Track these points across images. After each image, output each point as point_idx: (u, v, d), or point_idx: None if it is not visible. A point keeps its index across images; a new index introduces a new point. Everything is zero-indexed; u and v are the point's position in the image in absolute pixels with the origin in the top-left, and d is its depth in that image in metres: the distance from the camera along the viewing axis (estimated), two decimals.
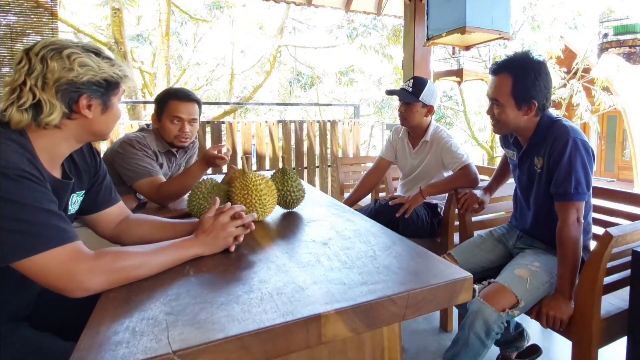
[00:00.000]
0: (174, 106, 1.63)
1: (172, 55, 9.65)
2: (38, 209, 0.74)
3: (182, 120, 1.64)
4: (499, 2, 2.41)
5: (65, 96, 0.81)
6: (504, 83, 1.37)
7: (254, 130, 3.94)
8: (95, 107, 0.87)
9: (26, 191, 0.74)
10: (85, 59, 0.83)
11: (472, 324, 1.25)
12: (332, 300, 0.70)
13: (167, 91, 1.71)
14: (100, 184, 1.06)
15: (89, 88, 0.84)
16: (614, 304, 1.31)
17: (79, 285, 0.75)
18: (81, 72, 0.82)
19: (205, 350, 0.58)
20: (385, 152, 2.26)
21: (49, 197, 0.79)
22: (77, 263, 0.75)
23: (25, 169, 0.76)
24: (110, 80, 0.88)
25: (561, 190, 1.29)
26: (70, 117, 0.84)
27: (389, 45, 9.71)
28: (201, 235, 0.91)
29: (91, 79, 0.84)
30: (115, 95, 0.91)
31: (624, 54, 3.79)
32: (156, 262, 0.83)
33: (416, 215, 1.93)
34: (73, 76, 0.81)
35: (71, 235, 0.78)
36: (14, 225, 0.72)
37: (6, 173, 0.72)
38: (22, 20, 3.08)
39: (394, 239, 1.03)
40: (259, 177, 1.20)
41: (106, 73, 0.87)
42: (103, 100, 0.88)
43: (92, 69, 0.84)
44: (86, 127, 0.88)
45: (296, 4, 4.08)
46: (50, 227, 0.75)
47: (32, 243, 0.72)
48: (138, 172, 1.53)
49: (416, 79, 2.02)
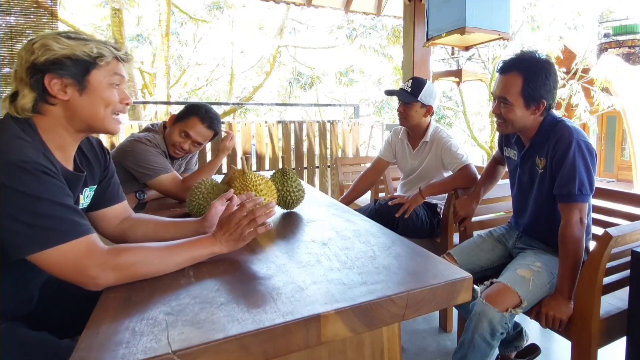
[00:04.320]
0: (193, 123, 1.67)
1: (172, 56, 9.65)
2: (55, 202, 0.76)
3: (189, 138, 1.68)
4: (499, 3, 2.41)
5: (31, 79, 0.83)
6: (513, 82, 1.36)
7: (253, 131, 3.94)
8: (69, 88, 0.85)
9: (44, 185, 0.76)
10: (46, 41, 0.83)
11: (476, 325, 1.25)
12: (332, 301, 0.70)
13: (200, 107, 1.73)
14: (109, 180, 1.07)
15: (49, 68, 0.83)
16: (613, 305, 1.31)
17: (92, 280, 0.76)
18: (39, 53, 0.82)
19: (205, 350, 0.58)
20: (383, 153, 2.26)
21: (65, 191, 0.81)
22: (91, 258, 0.76)
23: (42, 162, 0.77)
24: (77, 59, 0.85)
25: (565, 191, 1.29)
26: (49, 102, 0.85)
27: (389, 46, 9.72)
28: (219, 234, 0.90)
29: (49, 57, 0.83)
30: (92, 75, 0.87)
31: (623, 55, 3.79)
32: (172, 260, 0.83)
33: (416, 216, 1.94)
34: (33, 58, 0.82)
35: (86, 228, 0.79)
36: (31, 218, 0.73)
37: (25, 167, 0.74)
38: (22, 20, 3.08)
39: (393, 239, 1.03)
40: (258, 177, 1.20)
41: (70, 51, 0.84)
42: (76, 80, 0.85)
43: (51, 48, 0.83)
44: (71, 111, 0.86)
45: (296, 5, 4.08)
46: (66, 220, 0.77)
47: (49, 236, 0.74)
48: (155, 169, 1.57)
49: (415, 79, 2.03)
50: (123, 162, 1.58)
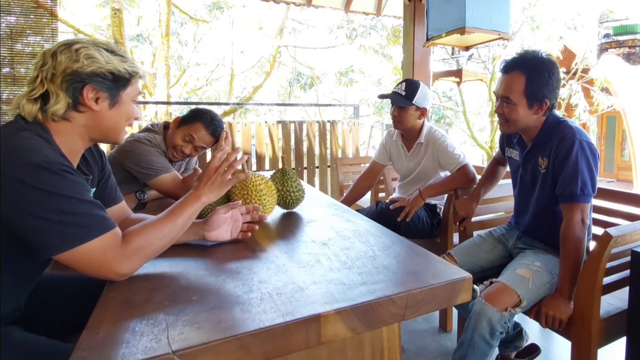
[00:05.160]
0: (197, 129, 1.67)
1: (172, 56, 9.64)
2: (81, 200, 0.77)
3: (192, 142, 1.68)
4: (499, 3, 2.41)
5: (69, 86, 0.83)
6: (516, 81, 1.36)
7: (253, 131, 3.94)
8: (102, 101, 0.87)
9: (69, 184, 0.77)
10: (91, 52, 0.84)
11: (476, 325, 1.25)
12: (332, 301, 0.70)
13: (205, 113, 1.72)
14: (106, 182, 1.08)
15: (93, 79, 0.85)
16: (613, 304, 1.31)
17: (115, 272, 0.79)
18: (86, 63, 0.83)
19: (205, 350, 0.58)
20: (378, 156, 2.26)
21: (87, 188, 0.82)
22: (114, 251, 0.78)
23: (64, 162, 0.79)
24: (118, 75, 0.88)
25: (567, 191, 1.29)
26: (78, 109, 0.86)
27: (389, 46, 9.71)
28: (200, 186, 0.94)
29: (95, 70, 0.85)
30: (125, 91, 0.91)
31: (623, 55, 3.79)
32: (175, 226, 0.87)
33: (417, 217, 1.94)
34: (77, 67, 0.83)
35: (111, 222, 0.81)
36: (61, 217, 0.74)
37: (50, 167, 0.75)
38: (22, 20, 3.08)
39: (393, 239, 1.03)
40: (258, 177, 1.20)
41: (113, 67, 0.87)
42: (111, 94, 0.88)
43: (97, 60, 0.85)
44: (95, 121, 0.88)
45: (296, 5, 4.08)
46: (94, 216, 0.78)
47: (79, 233, 0.75)
48: (156, 169, 1.57)
49: (408, 82, 2.00)
50: (123, 162, 1.58)
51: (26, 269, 0.90)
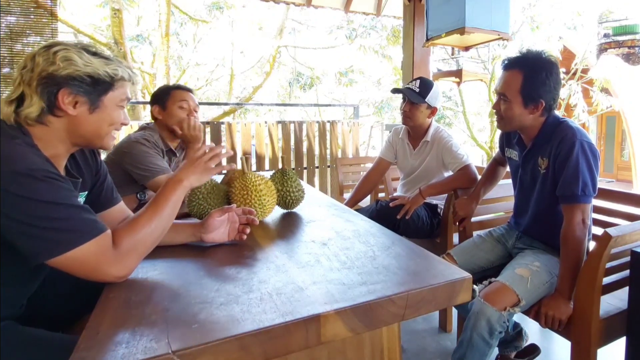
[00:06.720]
0: (180, 94, 1.73)
1: (172, 56, 9.65)
2: (68, 205, 0.76)
3: (189, 105, 1.73)
4: (499, 3, 2.41)
5: (44, 90, 0.80)
6: (513, 79, 1.36)
7: (253, 131, 3.94)
8: (81, 105, 0.84)
9: (56, 190, 0.76)
10: (70, 54, 0.81)
11: (474, 324, 1.25)
12: (332, 301, 0.70)
13: (167, 85, 1.82)
14: (102, 184, 1.06)
15: (69, 83, 0.81)
16: (613, 304, 1.31)
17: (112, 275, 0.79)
18: (62, 65, 0.80)
19: (205, 350, 0.58)
20: (385, 153, 2.27)
21: (75, 193, 0.81)
22: (105, 255, 0.78)
23: (49, 169, 0.77)
24: (98, 78, 0.84)
25: (568, 192, 1.29)
26: (55, 114, 0.83)
27: (389, 46, 9.72)
28: (183, 169, 0.95)
29: (72, 73, 0.81)
30: (107, 96, 0.87)
31: (623, 55, 3.79)
32: (163, 216, 0.87)
33: (416, 216, 1.94)
34: (53, 69, 0.80)
35: (102, 225, 0.80)
36: (47, 223, 0.74)
37: (34, 175, 0.74)
38: (22, 20, 3.08)
39: (393, 239, 1.03)
40: (258, 177, 1.20)
41: (92, 69, 0.83)
42: (90, 99, 0.84)
43: (75, 63, 0.81)
44: (74, 126, 0.85)
45: (296, 5, 4.08)
46: (84, 220, 0.78)
47: (67, 239, 0.75)
48: (153, 170, 1.57)
49: (422, 79, 2.04)
50: (122, 163, 1.58)
51: (26, 272, 0.90)
